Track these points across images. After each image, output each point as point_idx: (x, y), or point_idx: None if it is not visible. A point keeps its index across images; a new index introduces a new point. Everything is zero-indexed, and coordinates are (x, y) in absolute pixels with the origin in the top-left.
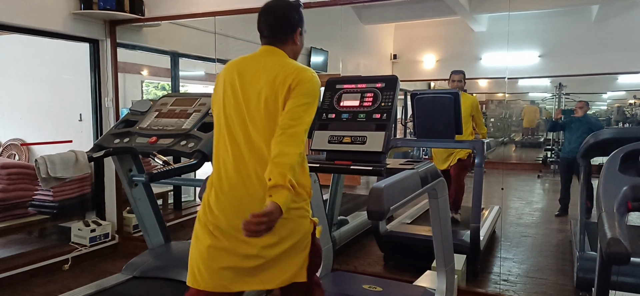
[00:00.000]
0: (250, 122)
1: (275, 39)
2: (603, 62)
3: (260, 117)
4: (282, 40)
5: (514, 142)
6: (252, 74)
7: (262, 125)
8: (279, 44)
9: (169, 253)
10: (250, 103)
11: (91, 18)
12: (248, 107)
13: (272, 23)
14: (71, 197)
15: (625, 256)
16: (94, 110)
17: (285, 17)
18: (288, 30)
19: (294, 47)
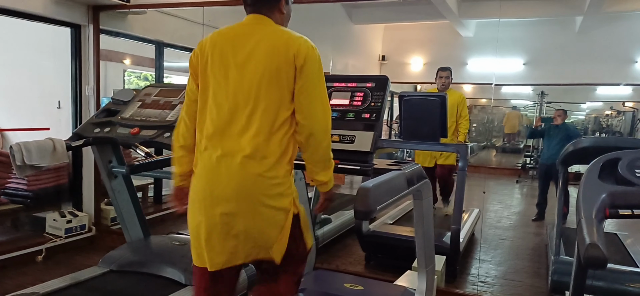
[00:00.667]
0: (245, 94)
1: (261, 6)
2: (584, 73)
3: (257, 88)
4: (268, 8)
5: (495, 147)
6: (246, 45)
7: (260, 97)
8: (265, 11)
9: (148, 247)
10: (247, 74)
11: (73, 2)
12: (243, 78)
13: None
14: (47, 187)
15: (603, 261)
16: (73, 98)
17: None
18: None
19: (280, 15)
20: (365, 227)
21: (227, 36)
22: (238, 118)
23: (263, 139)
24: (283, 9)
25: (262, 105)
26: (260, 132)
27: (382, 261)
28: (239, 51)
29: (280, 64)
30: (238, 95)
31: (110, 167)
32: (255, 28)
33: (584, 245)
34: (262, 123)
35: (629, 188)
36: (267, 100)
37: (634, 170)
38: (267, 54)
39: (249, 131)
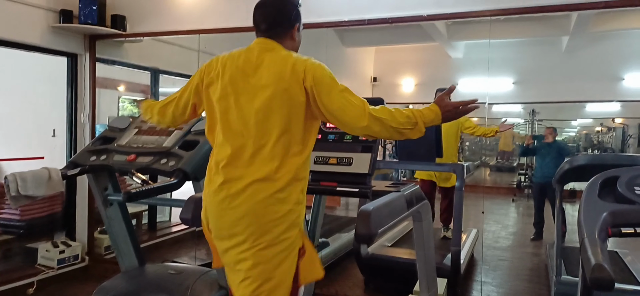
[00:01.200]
0: (255, 120)
1: (273, 33)
2: (573, 91)
3: (268, 114)
4: (280, 35)
5: (488, 166)
6: (253, 69)
7: (270, 120)
8: (277, 38)
9: (143, 276)
10: (256, 99)
11: (70, 32)
12: (252, 102)
13: (271, 17)
14: (40, 216)
15: (610, 282)
16: (68, 125)
17: (284, 10)
18: (287, 24)
19: (292, 42)
20: (363, 250)
21: (237, 61)
22: (249, 144)
23: (274, 165)
24: (295, 36)
25: (272, 131)
26: (271, 158)
27: (381, 285)
28: (249, 77)
29: (289, 87)
30: (249, 121)
31: (106, 194)
32: (264, 54)
33: (590, 266)
34: (273, 149)
35: (630, 207)
36: (278, 125)
37: (633, 187)
38: (276, 79)
39: (259, 156)
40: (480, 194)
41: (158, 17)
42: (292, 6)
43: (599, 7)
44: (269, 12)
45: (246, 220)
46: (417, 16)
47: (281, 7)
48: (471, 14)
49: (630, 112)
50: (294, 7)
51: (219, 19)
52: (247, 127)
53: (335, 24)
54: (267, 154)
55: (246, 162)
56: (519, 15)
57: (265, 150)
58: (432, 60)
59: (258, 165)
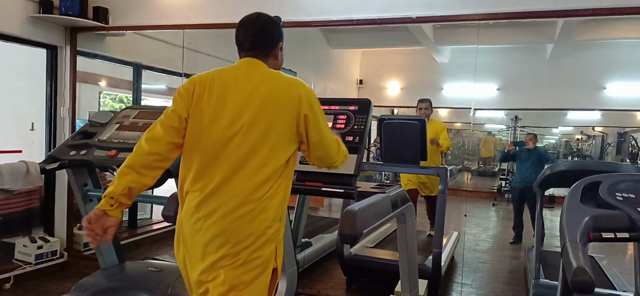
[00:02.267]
0: (241, 135)
1: (258, 52)
2: (555, 98)
3: (254, 132)
4: (264, 54)
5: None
6: (242, 88)
7: (256, 139)
8: (261, 57)
9: (123, 273)
10: (244, 118)
11: (50, 23)
12: (240, 122)
13: (254, 35)
14: (17, 211)
15: (591, 285)
16: (48, 119)
17: (267, 30)
18: (270, 43)
19: (275, 61)
20: (346, 251)
21: (225, 79)
22: (229, 162)
23: (258, 182)
24: (278, 55)
25: (258, 149)
26: (255, 176)
27: (363, 286)
28: (237, 95)
29: (281, 108)
30: (231, 139)
31: (86, 190)
32: (252, 73)
33: (572, 269)
34: (257, 167)
35: (611, 212)
36: (265, 144)
37: (614, 193)
38: (267, 98)
39: (241, 175)
40: (462, 198)
41: (142, 11)
42: (275, 25)
43: (587, 14)
44: (252, 31)
45: (221, 238)
46: (406, 18)
47: (264, 26)
48: (460, 17)
49: (610, 121)
50: (277, 26)
51: (205, 15)
52: (231, 146)
53: (324, 23)
54: (250, 175)
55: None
56: (506, 21)
57: (249, 171)
58: (418, 64)
59: (240, 185)
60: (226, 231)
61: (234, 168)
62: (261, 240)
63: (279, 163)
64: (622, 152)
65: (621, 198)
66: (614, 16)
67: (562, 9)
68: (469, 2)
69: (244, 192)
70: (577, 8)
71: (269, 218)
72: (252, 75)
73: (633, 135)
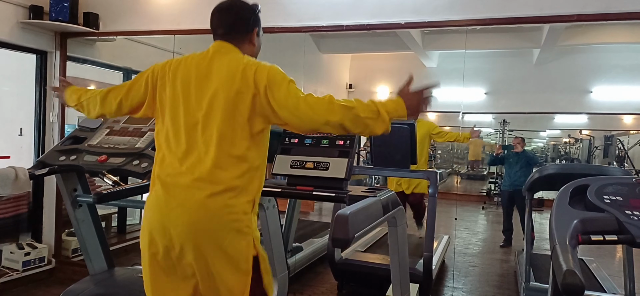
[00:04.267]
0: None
1: (231, 38)
2: (542, 102)
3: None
4: (238, 39)
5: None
6: (206, 73)
7: (217, 124)
8: (234, 42)
9: (112, 279)
10: (204, 101)
11: (40, 29)
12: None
13: (228, 20)
14: (4, 217)
15: (580, 288)
16: (36, 125)
17: (242, 15)
18: (244, 28)
19: (251, 47)
20: (337, 255)
21: (189, 64)
22: (194, 147)
23: (220, 169)
24: (254, 41)
25: (219, 133)
26: (217, 162)
27: (355, 290)
28: (198, 78)
29: (239, 89)
30: (195, 124)
31: (75, 195)
32: (217, 55)
33: (561, 271)
34: (219, 152)
35: (599, 214)
36: (225, 128)
37: (602, 196)
38: (225, 80)
39: (205, 160)
40: (452, 201)
41: (132, 16)
42: (250, 11)
43: (572, 20)
44: (226, 16)
45: (192, 229)
46: (395, 23)
47: (239, 11)
48: (448, 23)
49: (597, 124)
50: (253, 12)
51: (195, 20)
52: (195, 131)
53: (314, 29)
54: (212, 160)
55: (192, 164)
56: (493, 27)
57: (211, 156)
58: (407, 69)
59: (203, 168)
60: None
61: (199, 155)
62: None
63: (244, 150)
64: (609, 155)
65: (609, 200)
66: (598, 22)
67: (547, 14)
68: (457, 9)
69: (209, 176)
70: (562, 14)
71: (237, 210)
72: (215, 60)
73: (619, 138)
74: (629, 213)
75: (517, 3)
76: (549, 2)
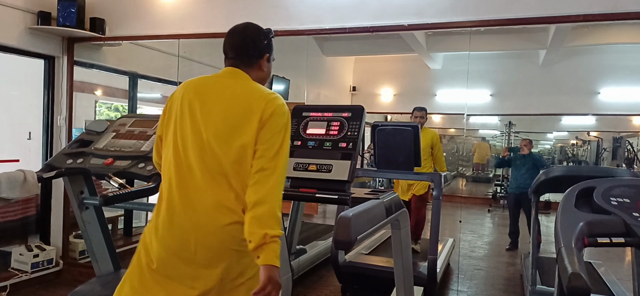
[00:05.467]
0: (210, 146)
1: (240, 62)
2: (549, 104)
3: (222, 141)
4: (247, 64)
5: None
6: (215, 96)
7: (225, 150)
8: (243, 66)
9: (118, 281)
10: (212, 126)
11: (48, 34)
12: (208, 130)
13: (239, 44)
14: (13, 219)
15: (586, 290)
16: (45, 128)
17: (253, 40)
18: (255, 54)
19: (259, 72)
20: (341, 258)
21: (198, 88)
22: (204, 170)
23: (230, 194)
24: (263, 67)
25: (228, 159)
26: (227, 187)
27: (358, 293)
28: (207, 104)
29: (247, 117)
30: (203, 148)
31: (82, 198)
32: (228, 81)
33: (567, 274)
34: (229, 176)
35: (606, 217)
36: (235, 153)
37: (609, 198)
38: (235, 107)
39: (215, 184)
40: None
41: (138, 21)
42: (263, 36)
43: (578, 20)
44: (238, 40)
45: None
46: (398, 26)
47: (251, 35)
48: (452, 25)
49: (605, 126)
50: (265, 37)
51: (199, 24)
52: (201, 153)
53: (317, 31)
54: (220, 183)
55: (200, 190)
56: (498, 28)
57: (219, 179)
58: (411, 71)
59: (212, 194)
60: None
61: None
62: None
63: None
64: (617, 157)
65: (616, 203)
66: (605, 22)
67: (552, 15)
68: (460, 10)
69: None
70: (567, 14)
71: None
72: (226, 86)
73: (629, 139)
74: (636, 215)
75: (521, 4)
76: (553, 3)
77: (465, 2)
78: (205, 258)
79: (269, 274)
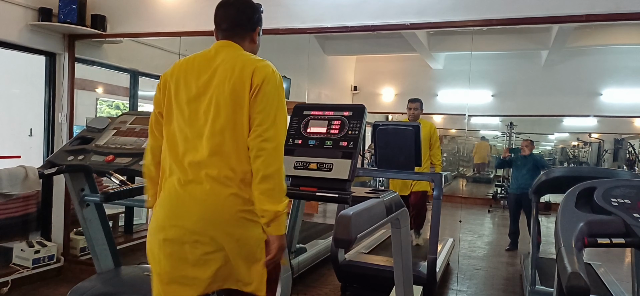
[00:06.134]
0: (208, 118)
1: (234, 34)
2: (551, 105)
3: (220, 113)
4: (240, 36)
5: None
6: (208, 69)
7: (222, 120)
8: (237, 38)
9: (119, 278)
10: (207, 99)
11: (49, 31)
12: (204, 102)
13: (233, 16)
14: (14, 216)
15: (586, 290)
16: (46, 125)
17: (247, 12)
18: (248, 26)
19: (252, 45)
20: (341, 256)
21: (191, 63)
22: (203, 142)
23: (229, 163)
24: (255, 39)
25: (225, 128)
26: (226, 156)
27: (358, 292)
28: (201, 76)
29: (237, 84)
30: (201, 120)
31: (83, 195)
32: (219, 53)
33: (566, 274)
34: (227, 146)
35: (606, 217)
36: (231, 122)
37: (609, 199)
38: (226, 76)
39: (215, 155)
40: (457, 204)
41: (139, 19)
42: (254, 9)
43: (580, 20)
44: (231, 11)
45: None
46: (399, 24)
47: (243, 8)
48: (453, 24)
49: (607, 127)
50: (256, 10)
51: (200, 22)
52: (200, 126)
53: (318, 30)
54: (219, 154)
55: (201, 160)
56: (501, 28)
57: (218, 150)
58: (412, 71)
59: (214, 163)
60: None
61: (208, 151)
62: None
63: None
64: (619, 159)
65: (616, 203)
66: (608, 22)
67: (555, 15)
68: (462, 9)
69: (221, 173)
70: (570, 14)
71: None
72: (217, 57)
73: (630, 141)
74: (637, 216)
75: (523, 3)
76: (555, 3)
77: (467, 2)
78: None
79: (279, 242)
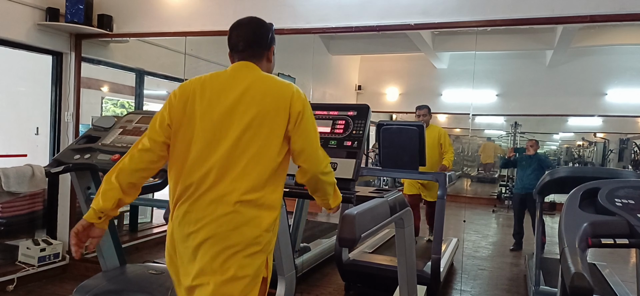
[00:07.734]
0: (234, 140)
1: (251, 54)
2: (555, 104)
3: (247, 133)
4: (258, 56)
5: (469, 177)
6: (233, 90)
7: (249, 142)
8: (254, 59)
9: (124, 276)
10: (235, 119)
11: (56, 30)
12: (227, 124)
13: (249, 36)
14: (20, 214)
15: (589, 290)
16: (52, 124)
17: (261, 32)
18: (264, 45)
19: (268, 64)
20: (344, 256)
21: (215, 82)
22: (226, 165)
23: (254, 186)
24: (271, 58)
25: (251, 151)
26: (251, 179)
27: (362, 291)
28: (228, 97)
29: (274, 109)
30: (227, 141)
31: (89, 193)
32: (243, 74)
33: (570, 274)
34: (252, 170)
35: (610, 218)
36: (258, 145)
37: (613, 199)
38: (259, 99)
39: (238, 178)
40: (461, 204)
41: (145, 18)
42: (268, 28)
43: (585, 21)
44: (247, 32)
45: (211, 242)
46: (404, 25)
47: (258, 28)
48: (458, 24)
49: (611, 127)
50: (270, 30)
51: (206, 22)
52: (226, 147)
53: (323, 30)
54: (246, 176)
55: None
56: (505, 28)
57: (244, 171)
58: (417, 71)
59: (237, 186)
60: (216, 236)
61: (223, 172)
62: (251, 249)
63: (274, 167)
64: (624, 159)
65: (620, 204)
66: (612, 22)
67: (559, 15)
68: (466, 9)
69: (235, 196)
70: (574, 14)
71: (262, 227)
72: (244, 78)
73: (635, 141)
74: None
75: (528, 4)
76: (560, 3)
77: (472, 2)
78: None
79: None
